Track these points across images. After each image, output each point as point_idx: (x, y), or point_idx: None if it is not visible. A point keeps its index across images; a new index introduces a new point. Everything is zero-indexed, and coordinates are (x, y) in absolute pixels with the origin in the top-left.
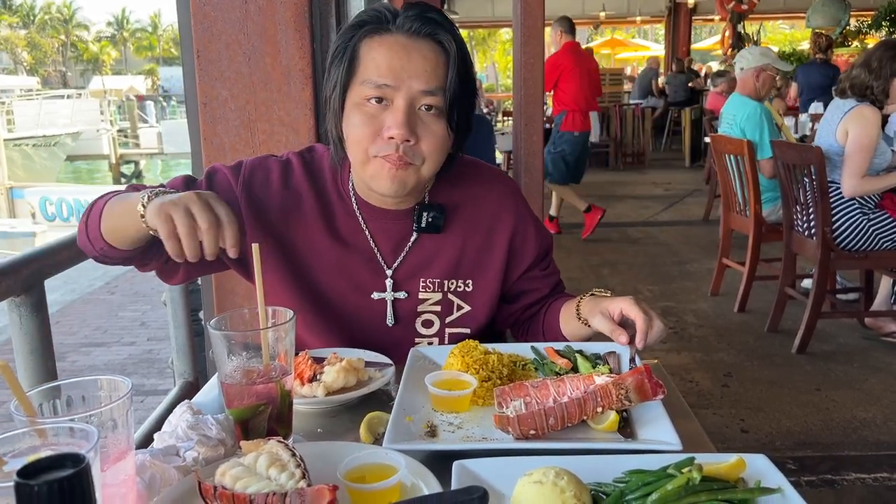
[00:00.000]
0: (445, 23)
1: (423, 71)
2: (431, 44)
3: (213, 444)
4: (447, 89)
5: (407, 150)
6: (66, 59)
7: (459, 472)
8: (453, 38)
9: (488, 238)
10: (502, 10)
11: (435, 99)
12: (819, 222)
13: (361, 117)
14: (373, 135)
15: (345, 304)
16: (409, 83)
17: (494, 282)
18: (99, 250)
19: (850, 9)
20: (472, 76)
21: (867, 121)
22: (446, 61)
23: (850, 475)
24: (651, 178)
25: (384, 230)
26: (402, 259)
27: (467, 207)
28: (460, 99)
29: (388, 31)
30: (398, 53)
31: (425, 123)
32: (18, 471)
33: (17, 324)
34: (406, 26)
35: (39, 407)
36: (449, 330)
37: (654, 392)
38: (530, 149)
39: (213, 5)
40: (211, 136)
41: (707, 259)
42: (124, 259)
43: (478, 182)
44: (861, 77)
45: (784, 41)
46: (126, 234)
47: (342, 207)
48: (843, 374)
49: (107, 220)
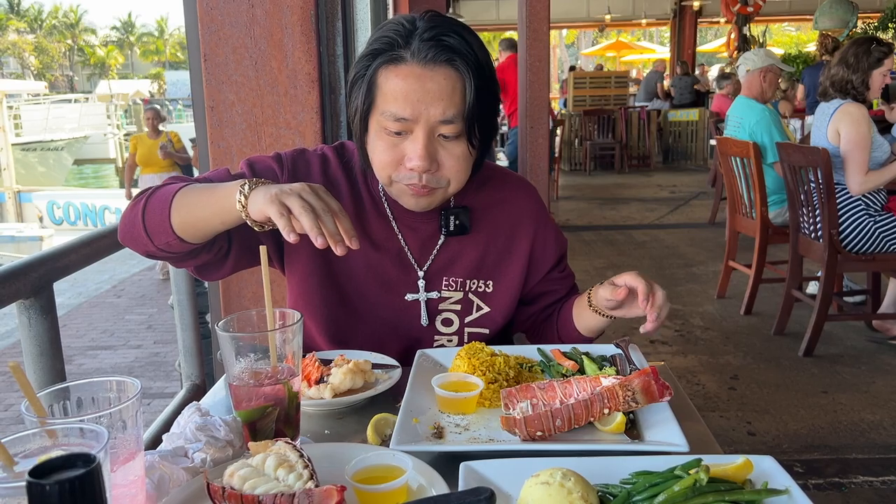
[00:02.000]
0: (461, 45)
1: (440, 100)
2: (447, 70)
3: (221, 445)
4: (465, 115)
5: (430, 179)
6: (73, 64)
7: (466, 474)
8: (469, 59)
9: (510, 241)
10: (507, 14)
11: (453, 127)
12: (825, 224)
13: (383, 145)
14: (395, 163)
15: (378, 305)
16: (427, 114)
17: (514, 285)
18: (162, 244)
19: (857, 10)
20: (494, 89)
21: (853, 116)
22: (463, 86)
23: (858, 478)
24: (657, 180)
25: (412, 229)
26: (433, 259)
27: (491, 210)
28: (480, 117)
29: (402, 61)
30: (413, 85)
31: (446, 149)
32: (30, 470)
33: (27, 326)
34: (421, 55)
35: (50, 408)
36: (468, 329)
37: (660, 394)
38: (536, 151)
39: (219, 10)
40: (218, 139)
41: (713, 262)
42: (186, 254)
43: (500, 186)
44: (840, 74)
45: (790, 43)
46: (208, 226)
47: (373, 205)
48: (851, 376)
49: (182, 214)
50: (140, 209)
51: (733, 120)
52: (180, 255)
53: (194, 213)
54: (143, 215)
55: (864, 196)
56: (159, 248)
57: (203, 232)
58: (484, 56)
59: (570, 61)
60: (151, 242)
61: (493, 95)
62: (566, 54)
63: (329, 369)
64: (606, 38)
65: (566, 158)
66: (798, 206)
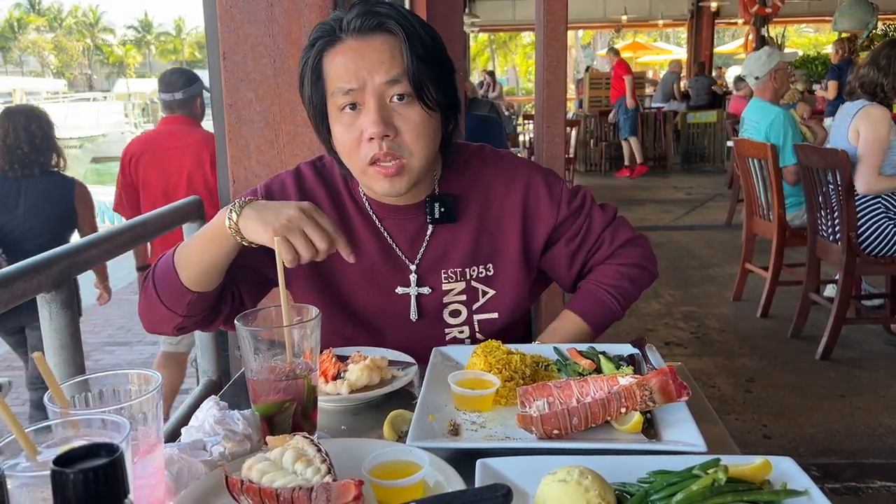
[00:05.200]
0: (391, 10)
1: (380, 63)
2: (382, 35)
3: (240, 439)
4: (410, 72)
5: (390, 146)
6: (91, 63)
7: (483, 471)
8: (402, 22)
9: (500, 216)
10: (523, 14)
11: (401, 86)
12: (844, 227)
13: (342, 128)
14: (356, 141)
15: (369, 303)
16: (371, 79)
17: (516, 257)
18: (184, 310)
19: (877, 11)
20: (437, 52)
21: (874, 118)
22: (401, 47)
23: (875, 483)
24: (673, 181)
25: (399, 226)
26: (423, 253)
27: (478, 193)
28: (429, 77)
29: (339, 40)
30: (352, 56)
31: (401, 114)
32: (55, 459)
33: (48, 319)
34: (352, 27)
35: (72, 399)
36: (477, 317)
37: (678, 393)
38: (552, 151)
39: (239, 8)
40: (236, 137)
41: (729, 264)
42: (210, 312)
43: (487, 166)
44: (870, 76)
45: (808, 45)
46: (214, 264)
47: (356, 210)
48: (868, 380)
49: (187, 267)
50: (151, 288)
51: (749, 122)
52: (206, 317)
53: (196, 259)
54: (156, 291)
55: (883, 198)
56: (184, 315)
57: (212, 274)
58: (418, 20)
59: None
60: (175, 313)
61: (440, 59)
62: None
63: (346, 365)
64: (623, 39)
65: (582, 159)
66: (816, 208)
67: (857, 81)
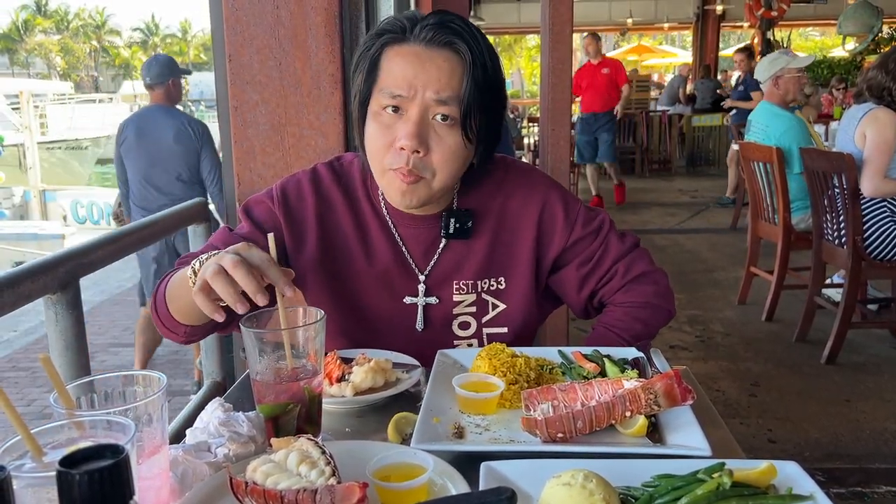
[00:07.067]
0: (465, 31)
1: (437, 80)
2: (448, 52)
3: (244, 440)
4: (462, 99)
5: (416, 163)
6: (97, 65)
7: (487, 473)
8: (472, 47)
9: (515, 229)
10: (528, 17)
11: (448, 108)
12: (850, 231)
13: (377, 127)
14: (387, 145)
15: (379, 309)
16: (423, 92)
17: (527, 272)
18: (184, 334)
19: (882, 15)
20: (497, 85)
21: (881, 121)
22: (462, 71)
23: (881, 488)
24: (678, 184)
25: (414, 236)
26: (434, 264)
27: (496, 208)
28: (479, 108)
29: (405, 41)
30: (413, 63)
31: (438, 135)
32: (60, 460)
33: (53, 320)
34: (422, 35)
35: (77, 400)
36: (486, 330)
37: (683, 397)
38: (557, 154)
39: (244, 11)
40: (241, 139)
41: (734, 267)
42: (211, 329)
43: (507, 179)
44: (878, 79)
45: (813, 49)
46: (196, 310)
47: (372, 213)
48: (874, 384)
49: (174, 306)
50: (153, 308)
51: (757, 125)
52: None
53: (179, 303)
54: (157, 314)
55: (888, 202)
56: (187, 336)
57: (200, 311)
58: (488, 49)
59: None
60: (178, 335)
61: (495, 93)
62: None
63: (350, 367)
64: (628, 42)
65: None
66: (821, 211)
67: (864, 84)
